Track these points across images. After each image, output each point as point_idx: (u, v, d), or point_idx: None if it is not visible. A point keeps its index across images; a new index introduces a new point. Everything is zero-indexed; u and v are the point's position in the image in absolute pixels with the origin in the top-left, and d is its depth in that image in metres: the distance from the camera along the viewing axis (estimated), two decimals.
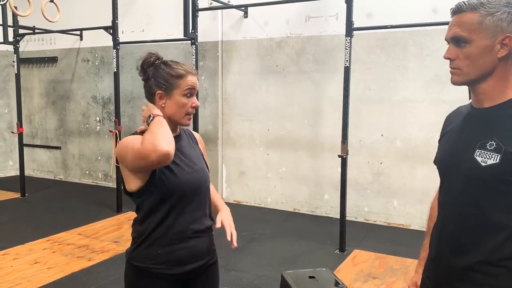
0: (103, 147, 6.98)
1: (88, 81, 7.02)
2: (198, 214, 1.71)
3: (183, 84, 1.67)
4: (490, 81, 1.30)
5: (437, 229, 1.41)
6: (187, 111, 1.69)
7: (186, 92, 1.68)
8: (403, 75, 4.88)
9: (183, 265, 1.68)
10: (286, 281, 2.45)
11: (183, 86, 1.67)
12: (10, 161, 7.69)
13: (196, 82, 1.72)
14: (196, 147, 1.84)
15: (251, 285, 3.48)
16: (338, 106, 4.51)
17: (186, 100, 1.68)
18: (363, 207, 5.21)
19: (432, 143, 4.60)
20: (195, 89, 1.71)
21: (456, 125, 1.43)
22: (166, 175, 1.63)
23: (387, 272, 3.73)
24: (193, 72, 1.73)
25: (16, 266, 3.79)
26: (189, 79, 1.69)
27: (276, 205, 5.74)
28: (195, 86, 1.70)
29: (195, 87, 1.71)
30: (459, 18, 1.31)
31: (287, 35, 5.48)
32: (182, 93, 1.67)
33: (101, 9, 5.97)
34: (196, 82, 1.71)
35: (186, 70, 1.70)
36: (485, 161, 1.24)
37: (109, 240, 4.47)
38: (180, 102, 1.68)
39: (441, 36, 5.31)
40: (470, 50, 1.29)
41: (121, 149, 1.61)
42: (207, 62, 5.93)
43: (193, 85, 1.69)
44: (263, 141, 5.76)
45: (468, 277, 1.28)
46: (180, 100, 1.68)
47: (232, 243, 1.72)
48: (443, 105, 4.61)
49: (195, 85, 1.70)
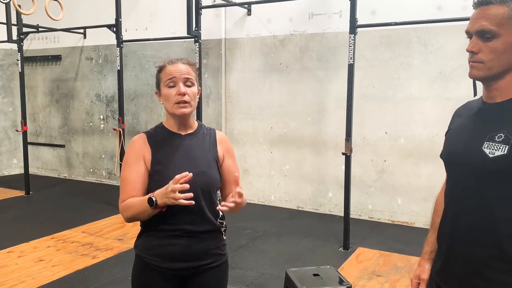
0: (107, 145, 6.99)
1: (92, 79, 7.03)
2: (196, 217, 1.69)
3: (164, 75, 1.70)
4: (508, 77, 1.28)
5: (448, 223, 1.39)
6: (174, 101, 1.68)
7: (167, 83, 1.68)
8: (407, 72, 4.86)
9: (176, 262, 1.69)
10: (290, 278, 2.44)
11: (164, 77, 1.70)
12: (15, 159, 7.72)
13: (178, 69, 1.68)
14: (211, 148, 1.78)
15: (255, 282, 3.48)
16: (342, 103, 4.49)
17: (169, 90, 1.68)
18: (367, 205, 5.20)
19: (437, 140, 4.59)
20: (178, 77, 1.67)
21: (465, 119, 1.42)
22: (160, 173, 1.67)
23: (391, 270, 3.72)
24: (174, 61, 1.71)
25: (20, 264, 3.80)
26: (168, 69, 1.69)
27: (280, 203, 5.73)
28: (175, 75, 1.67)
29: (176, 75, 1.67)
30: (486, 10, 1.26)
31: (290, 32, 5.47)
32: (165, 84, 1.69)
33: (105, 7, 5.98)
34: (178, 69, 1.68)
35: (166, 61, 1.71)
36: (493, 153, 1.23)
37: (113, 238, 4.48)
38: (166, 94, 1.70)
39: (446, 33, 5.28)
40: (497, 44, 1.25)
41: (122, 165, 1.78)
42: (210, 60, 5.92)
43: (172, 74, 1.67)
44: (266, 139, 5.75)
45: (480, 272, 1.28)
46: (165, 92, 1.69)
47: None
48: (447, 102, 4.59)
49: (175, 74, 1.67)
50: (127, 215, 1.68)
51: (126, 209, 1.67)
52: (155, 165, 1.69)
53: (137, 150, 1.71)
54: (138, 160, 1.70)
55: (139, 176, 1.68)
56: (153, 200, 1.57)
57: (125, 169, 1.72)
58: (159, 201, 1.56)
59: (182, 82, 1.68)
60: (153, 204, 1.57)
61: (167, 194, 1.53)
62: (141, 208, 1.62)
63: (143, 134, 1.76)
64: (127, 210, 1.67)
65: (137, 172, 1.69)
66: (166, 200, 1.54)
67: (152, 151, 1.71)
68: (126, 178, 1.70)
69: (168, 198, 1.53)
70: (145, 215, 1.64)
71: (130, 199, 1.66)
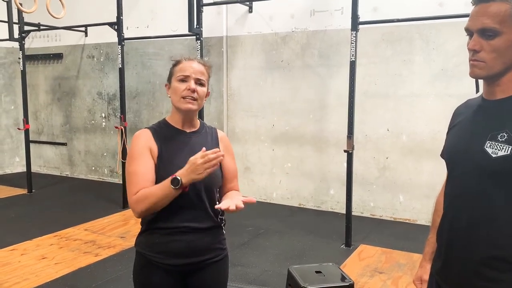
0: (109, 143, 7.00)
1: (93, 77, 7.04)
2: (199, 213, 1.70)
3: (177, 70, 1.72)
4: (510, 74, 1.26)
5: (448, 222, 1.38)
6: (181, 95, 1.69)
7: (179, 77, 1.70)
8: (409, 69, 4.85)
9: (180, 258, 1.69)
10: (292, 275, 2.45)
11: (177, 72, 1.72)
12: (17, 157, 7.73)
13: (193, 67, 1.71)
14: (213, 146, 1.78)
15: (258, 280, 3.49)
16: (343, 101, 4.49)
17: (180, 84, 1.70)
18: (369, 202, 5.20)
19: (439, 137, 4.58)
20: (191, 75, 1.69)
21: (465, 117, 1.40)
22: (165, 169, 1.66)
23: (393, 267, 3.73)
24: (191, 58, 1.75)
25: (23, 262, 3.82)
26: (183, 64, 1.72)
27: (281, 201, 5.74)
28: (189, 72, 1.69)
29: (190, 73, 1.69)
30: (487, 7, 1.23)
31: (292, 29, 5.46)
32: (176, 78, 1.71)
33: (106, 5, 5.98)
34: (192, 67, 1.71)
35: (183, 56, 1.75)
36: (496, 153, 1.22)
37: (116, 235, 4.49)
38: (174, 87, 1.72)
39: (448, 30, 5.25)
40: (499, 43, 1.22)
41: (127, 158, 1.74)
42: (211, 57, 5.92)
43: (187, 70, 1.70)
44: (268, 137, 5.75)
45: (480, 272, 1.26)
46: (175, 85, 1.71)
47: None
48: (449, 99, 4.59)
49: (189, 70, 1.70)
50: (143, 206, 1.61)
51: (141, 200, 1.61)
52: (161, 160, 1.69)
53: (143, 144, 1.70)
54: (146, 153, 1.68)
55: (149, 168, 1.67)
56: (178, 180, 1.55)
57: (133, 163, 1.68)
58: (184, 180, 1.56)
59: (194, 81, 1.70)
60: (179, 183, 1.55)
61: (196, 169, 1.55)
62: (162, 192, 1.58)
63: (147, 129, 1.75)
64: (143, 200, 1.60)
65: (146, 164, 1.67)
66: (196, 176, 1.55)
67: (158, 146, 1.70)
68: (135, 170, 1.66)
69: (202, 171, 1.55)
70: (165, 200, 1.60)
71: (144, 189, 1.62)
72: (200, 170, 1.55)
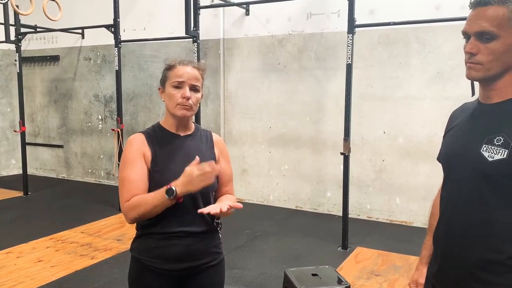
0: (105, 146, 6.99)
1: (90, 79, 7.03)
2: (195, 217, 1.67)
3: (172, 75, 1.69)
4: (506, 77, 1.26)
5: (444, 225, 1.38)
6: (177, 102, 1.67)
7: (174, 83, 1.67)
8: (405, 72, 4.87)
9: (177, 262, 1.68)
10: (289, 278, 2.45)
11: (172, 77, 1.69)
12: (13, 159, 7.71)
13: (188, 72, 1.68)
14: (209, 150, 1.79)
15: (254, 282, 3.48)
16: (340, 103, 4.50)
17: (175, 91, 1.68)
18: (366, 205, 5.21)
19: (435, 140, 4.60)
20: (186, 82, 1.67)
21: (462, 121, 1.40)
22: (160, 173, 1.66)
23: (390, 269, 3.73)
24: (186, 63, 1.71)
25: (19, 265, 3.80)
26: (178, 70, 1.68)
27: (278, 203, 5.74)
28: (183, 78, 1.67)
29: (185, 79, 1.67)
30: (485, 11, 1.23)
31: (289, 32, 5.47)
32: (171, 84, 1.69)
33: (103, 8, 5.98)
34: (187, 73, 1.68)
35: (177, 61, 1.70)
36: (492, 156, 1.22)
37: (112, 238, 4.48)
38: (170, 94, 1.69)
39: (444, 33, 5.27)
40: (497, 46, 1.22)
41: (120, 163, 1.73)
42: (208, 60, 5.92)
43: (181, 75, 1.67)
44: (265, 139, 5.75)
45: (476, 275, 1.26)
46: (170, 91, 1.69)
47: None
48: (445, 102, 4.60)
49: (184, 75, 1.67)
50: (134, 214, 1.61)
51: (134, 208, 1.60)
52: (155, 165, 1.68)
53: (137, 149, 1.69)
54: (139, 158, 1.67)
55: (142, 175, 1.66)
56: (173, 190, 1.54)
57: (126, 168, 1.67)
58: (179, 191, 1.54)
59: (189, 87, 1.68)
60: (173, 194, 1.54)
61: (192, 181, 1.53)
62: (156, 202, 1.57)
63: (140, 134, 1.74)
64: (135, 208, 1.60)
65: (139, 171, 1.66)
66: (192, 188, 1.54)
67: (152, 150, 1.69)
68: (128, 176, 1.65)
69: (198, 183, 1.54)
70: (158, 209, 1.59)
71: (137, 196, 1.62)
72: (196, 182, 1.55)
